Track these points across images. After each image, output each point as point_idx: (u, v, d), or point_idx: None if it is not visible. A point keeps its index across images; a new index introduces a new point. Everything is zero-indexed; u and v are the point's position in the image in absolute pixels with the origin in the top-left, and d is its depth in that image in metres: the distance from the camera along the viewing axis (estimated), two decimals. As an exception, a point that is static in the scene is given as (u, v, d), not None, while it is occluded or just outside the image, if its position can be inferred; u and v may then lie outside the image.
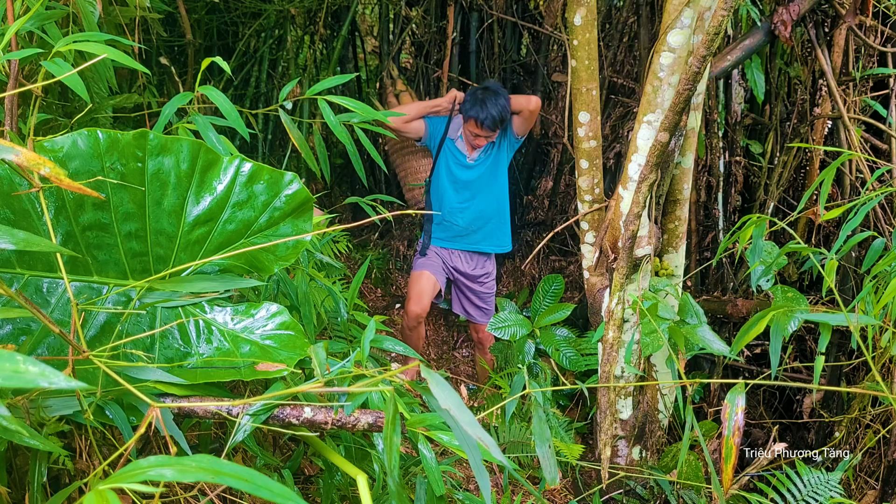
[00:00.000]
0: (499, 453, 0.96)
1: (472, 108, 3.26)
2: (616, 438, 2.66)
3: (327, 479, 1.70)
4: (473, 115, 3.25)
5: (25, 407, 1.12)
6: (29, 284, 1.32)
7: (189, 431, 1.56)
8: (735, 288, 3.33)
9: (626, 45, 3.64)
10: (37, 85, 1.26)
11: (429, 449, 1.30)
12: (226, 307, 1.42)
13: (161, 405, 1.05)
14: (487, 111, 3.21)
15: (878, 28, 3.03)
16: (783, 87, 3.25)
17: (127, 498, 1.12)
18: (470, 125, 3.31)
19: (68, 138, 1.31)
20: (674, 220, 2.50)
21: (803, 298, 1.93)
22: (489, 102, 3.23)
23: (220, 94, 1.58)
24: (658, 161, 2.08)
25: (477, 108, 3.24)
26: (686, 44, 2.09)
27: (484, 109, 3.22)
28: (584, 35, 2.30)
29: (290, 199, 1.43)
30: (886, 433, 2.62)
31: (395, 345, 1.72)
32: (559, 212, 4.31)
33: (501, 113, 3.24)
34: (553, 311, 3.37)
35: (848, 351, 3.10)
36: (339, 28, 4.22)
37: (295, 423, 1.29)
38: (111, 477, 0.66)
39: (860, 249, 3.01)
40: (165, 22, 3.30)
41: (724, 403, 1.27)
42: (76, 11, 1.61)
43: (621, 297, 2.23)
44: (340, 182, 5.10)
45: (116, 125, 2.18)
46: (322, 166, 1.95)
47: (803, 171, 3.44)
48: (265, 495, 0.63)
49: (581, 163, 2.49)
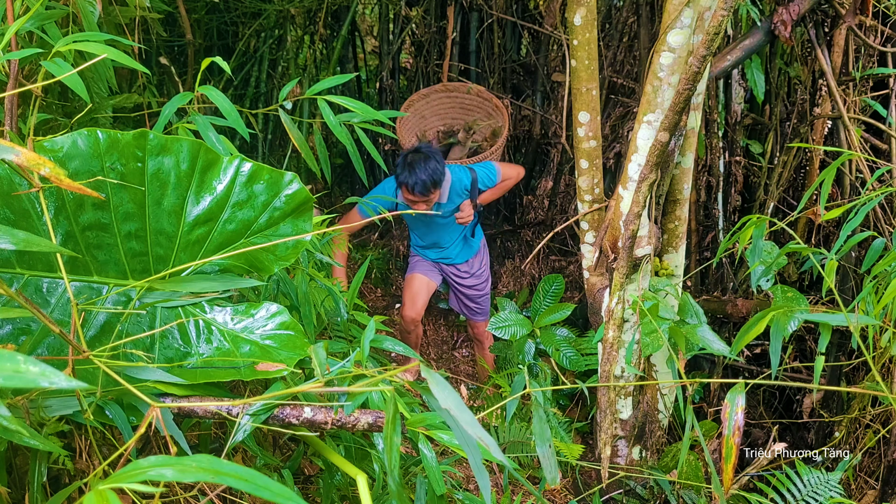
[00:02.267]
0: (499, 453, 0.96)
1: (401, 173, 3.09)
2: (616, 438, 2.66)
3: (327, 479, 1.70)
4: (403, 180, 3.08)
5: (25, 407, 1.12)
6: (29, 284, 1.32)
7: (189, 431, 1.56)
8: (735, 288, 3.33)
9: (626, 45, 3.64)
10: (37, 85, 1.26)
11: (429, 448, 1.30)
12: (226, 307, 1.42)
13: (161, 405, 1.05)
14: (417, 176, 3.03)
15: (878, 28, 3.03)
16: (783, 87, 3.25)
17: (127, 498, 1.12)
18: (403, 191, 3.16)
19: (68, 138, 1.31)
20: (674, 220, 2.50)
21: (803, 298, 1.93)
22: (418, 167, 3.04)
23: (220, 93, 1.58)
24: (658, 161, 2.08)
25: (406, 173, 3.06)
26: (686, 44, 2.09)
27: (413, 174, 3.04)
28: (584, 35, 2.30)
29: (290, 199, 1.43)
30: (886, 433, 2.62)
31: (395, 345, 1.72)
32: (559, 212, 4.31)
33: (432, 176, 3.06)
34: (553, 311, 3.37)
35: (848, 351, 3.10)
36: (339, 28, 4.22)
37: (295, 423, 1.29)
38: (111, 477, 0.66)
39: (860, 249, 3.01)
40: (165, 22, 3.29)
41: (724, 403, 1.27)
42: (76, 11, 1.60)
43: (621, 296, 2.23)
44: (340, 182, 5.10)
45: (116, 125, 2.18)
46: (322, 166, 1.95)
47: (803, 171, 3.44)
48: (265, 495, 0.63)
49: (581, 163, 2.49)
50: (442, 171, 3.12)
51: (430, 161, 3.08)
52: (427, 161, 3.07)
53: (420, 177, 3.04)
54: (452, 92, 4.07)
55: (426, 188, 3.07)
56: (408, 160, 3.09)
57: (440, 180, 3.12)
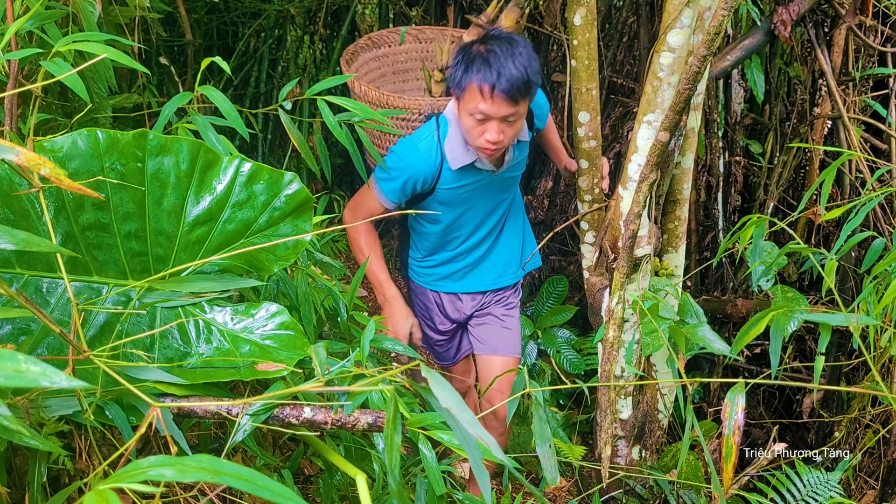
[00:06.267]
0: (499, 452, 0.96)
1: (469, 67, 1.89)
2: (616, 438, 2.66)
3: (327, 479, 1.70)
4: (472, 78, 1.88)
5: (25, 407, 1.11)
6: (29, 284, 1.32)
7: (189, 431, 1.56)
8: (735, 288, 3.34)
9: (626, 45, 3.64)
10: (37, 85, 1.26)
11: (429, 448, 1.30)
12: (226, 307, 1.42)
13: (161, 405, 1.05)
14: (504, 67, 1.85)
15: (878, 28, 3.03)
16: (783, 87, 3.25)
17: (127, 498, 1.12)
18: (471, 96, 1.91)
19: (68, 138, 1.31)
20: (674, 220, 2.50)
21: (803, 298, 1.93)
22: (504, 55, 1.87)
23: (220, 93, 1.58)
24: (658, 161, 2.08)
25: (480, 65, 1.87)
26: (686, 44, 2.09)
27: (497, 63, 1.85)
28: (584, 35, 2.30)
29: (289, 199, 1.43)
30: (886, 433, 2.62)
31: (395, 345, 1.72)
32: (559, 212, 4.30)
33: (527, 71, 1.88)
34: (556, 313, 3.38)
35: (848, 351, 3.11)
36: (339, 28, 4.22)
37: (295, 423, 1.29)
38: (111, 477, 0.66)
39: (860, 249, 3.01)
40: (165, 22, 3.29)
41: (724, 403, 1.27)
42: (76, 11, 1.60)
43: (621, 296, 2.23)
44: (340, 182, 5.10)
45: (116, 125, 2.18)
46: (322, 166, 1.94)
47: (803, 171, 3.44)
48: (265, 495, 0.63)
49: (581, 163, 2.49)
50: (539, 70, 1.95)
51: (519, 47, 1.90)
52: (515, 46, 1.90)
53: (510, 70, 1.85)
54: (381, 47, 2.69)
55: (517, 89, 1.87)
56: (479, 50, 1.90)
57: (538, 82, 1.95)
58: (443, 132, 2.11)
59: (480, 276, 2.44)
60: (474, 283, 2.44)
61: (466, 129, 1.99)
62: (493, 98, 1.88)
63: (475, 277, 2.44)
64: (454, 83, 1.96)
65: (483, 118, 1.93)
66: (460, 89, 1.94)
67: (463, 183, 2.17)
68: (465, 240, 2.35)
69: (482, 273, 2.44)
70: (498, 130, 1.94)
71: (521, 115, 1.97)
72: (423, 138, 2.12)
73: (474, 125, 1.96)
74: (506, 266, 2.48)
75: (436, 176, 2.13)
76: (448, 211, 2.24)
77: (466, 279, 2.43)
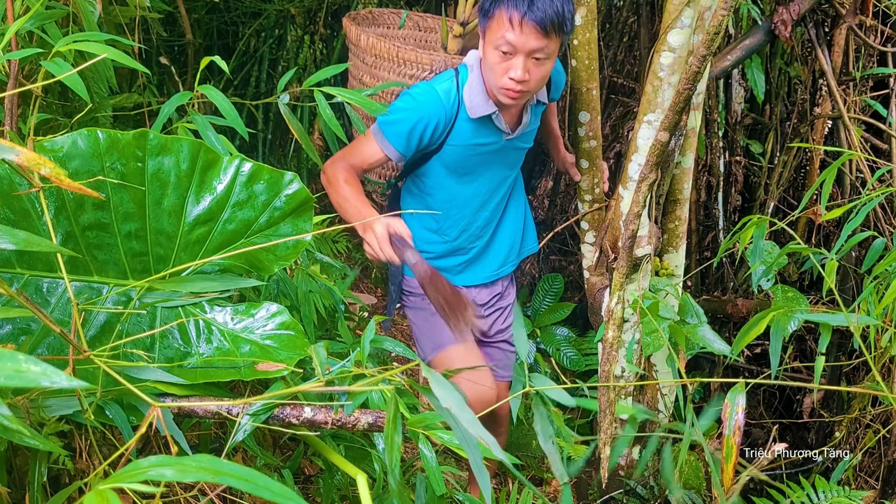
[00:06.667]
0: (500, 452, 0.96)
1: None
2: (616, 438, 2.66)
3: (327, 479, 1.70)
4: (508, 6, 1.75)
5: (26, 407, 1.11)
6: (29, 284, 1.32)
7: (189, 431, 1.56)
8: (735, 288, 3.33)
9: (626, 44, 3.64)
10: (37, 85, 1.26)
11: (429, 448, 1.30)
12: (226, 307, 1.42)
13: (161, 405, 1.05)
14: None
15: (878, 28, 3.03)
16: (783, 87, 3.25)
17: (127, 498, 1.12)
18: (498, 25, 1.78)
19: (68, 138, 1.31)
20: (674, 220, 2.50)
21: (803, 298, 1.93)
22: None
23: (220, 93, 1.58)
24: (658, 160, 2.07)
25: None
26: (686, 43, 2.09)
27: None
28: (584, 35, 2.30)
29: (290, 199, 1.43)
30: (886, 433, 2.62)
31: (395, 345, 1.72)
32: (559, 212, 4.30)
33: (561, 9, 1.77)
34: (553, 311, 3.37)
35: (848, 351, 3.10)
36: (339, 28, 4.21)
37: (295, 422, 1.29)
38: (111, 477, 0.66)
39: (860, 249, 3.01)
40: (165, 22, 3.29)
41: (724, 403, 1.27)
42: (76, 11, 1.60)
43: (621, 296, 2.23)
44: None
45: (116, 125, 2.18)
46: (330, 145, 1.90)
47: (803, 171, 3.44)
48: (265, 495, 0.63)
49: (581, 163, 2.49)
50: (573, 16, 1.87)
51: None
52: None
53: (544, 1, 1.75)
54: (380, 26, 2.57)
55: (550, 21, 1.75)
56: None
57: (572, 24, 1.86)
58: (462, 79, 1.96)
59: (482, 268, 2.32)
60: (475, 275, 2.32)
61: (490, 65, 1.84)
62: (521, 27, 1.74)
63: (476, 270, 2.31)
64: (482, 12, 1.83)
65: (509, 50, 1.79)
66: (487, 17, 1.81)
67: (474, 142, 2.01)
68: (465, 227, 2.19)
69: (483, 265, 2.32)
70: (524, 68, 1.80)
71: (549, 55, 1.83)
72: (441, 81, 1.96)
73: (499, 60, 1.81)
74: (507, 256, 2.37)
75: (450, 124, 1.95)
76: (452, 181, 2.07)
77: (466, 272, 2.30)
